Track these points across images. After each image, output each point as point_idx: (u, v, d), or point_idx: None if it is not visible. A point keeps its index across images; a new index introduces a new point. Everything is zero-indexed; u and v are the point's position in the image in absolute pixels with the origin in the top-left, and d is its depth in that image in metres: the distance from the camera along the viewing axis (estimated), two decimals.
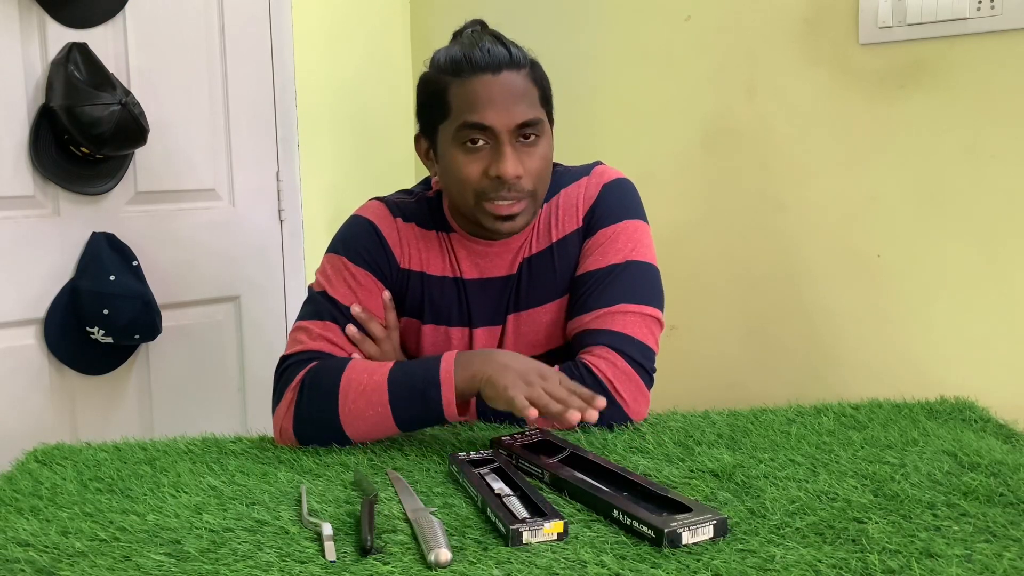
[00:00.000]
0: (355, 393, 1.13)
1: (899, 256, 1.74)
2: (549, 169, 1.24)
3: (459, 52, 1.19)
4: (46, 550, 0.84)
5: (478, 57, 1.17)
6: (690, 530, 0.80)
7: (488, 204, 1.20)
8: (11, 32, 1.79)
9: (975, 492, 0.92)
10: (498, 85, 1.17)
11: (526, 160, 1.19)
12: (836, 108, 1.79)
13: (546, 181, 1.25)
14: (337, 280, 1.26)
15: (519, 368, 1.09)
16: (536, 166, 1.20)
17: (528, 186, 1.20)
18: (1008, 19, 1.56)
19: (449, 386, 1.10)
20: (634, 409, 1.20)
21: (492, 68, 1.17)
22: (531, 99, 1.19)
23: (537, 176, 1.21)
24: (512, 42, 1.22)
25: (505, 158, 1.17)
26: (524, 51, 1.22)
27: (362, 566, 0.78)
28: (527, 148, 1.19)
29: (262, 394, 2.16)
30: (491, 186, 1.18)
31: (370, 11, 2.47)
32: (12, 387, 1.84)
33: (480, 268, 1.29)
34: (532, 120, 1.18)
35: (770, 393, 1.83)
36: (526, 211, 1.22)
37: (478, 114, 1.17)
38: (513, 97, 1.17)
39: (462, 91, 1.18)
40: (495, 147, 1.18)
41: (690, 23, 1.98)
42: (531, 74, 1.20)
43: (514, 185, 1.18)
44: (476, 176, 1.19)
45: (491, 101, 1.16)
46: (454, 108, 1.19)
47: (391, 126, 2.54)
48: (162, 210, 2.03)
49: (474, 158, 1.19)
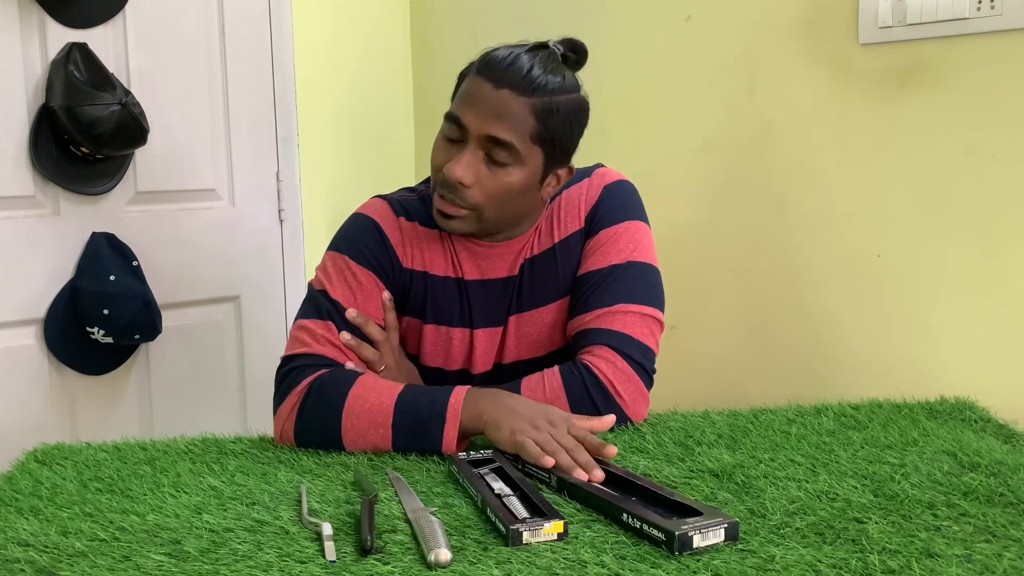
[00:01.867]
0: (360, 411, 1.12)
1: (899, 256, 1.74)
2: (515, 200, 1.20)
3: (495, 53, 1.18)
4: (46, 550, 0.84)
5: (496, 64, 1.16)
6: (701, 534, 0.80)
7: (437, 196, 1.21)
8: (11, 32, 1.79)
9: (975, 492, 0.92)
10: (491, 95, 1.15)
11: (484, 175, 1.17)
12: (836, 108, 1.79)
13: (505, 208, 1.21)
14: (338, 279, 1.26)
15: (527, 413, 1.08)
16: (494, 188, 1.18)
17: (474, 199, 1.18)
18: (1008, 19, 1.56)
19: (453, 423, 1.10)
20: (634, 409, 1.20)
21: (496, 80, 1.15)
22: (518, 125, 1.15)
23: (489, 196, 1.18)
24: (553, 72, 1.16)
25: (458, 159, 1.17)
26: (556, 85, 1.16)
27: (362, 566, 0.78)
28: (493, 167, 1.17)
29: (262, 394, 2.16)
30: (442, 181, 1.19)
31: (370, 11, 2.47)
32: (12, 387, 1.84)
33: (481, 269, 1.29)
34: (504, 141, 1.15)
35: (770, 393, 1.83)
36: (467, 221, 1.21)
37: (460, 109, 1.18)
38: (497, 111, 1.15)
39: (466, 84, 1.20)
40: (463, 147, 1.18)
41: (690, 23, 1.98)
42: (537, 106, 1.15)
43: (457, 189, 1.17)
44: (438, 164, 1.20)
45: (477, 103, 1.16)
46: (455, 98, 1.22)
47: (391, 126, 2.54)
48: (162, 210, 2.03)
49: (446, 148, 1.20)
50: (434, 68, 2.50)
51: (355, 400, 1.13)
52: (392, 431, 1.11)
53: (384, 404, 1.12)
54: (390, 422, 1.11)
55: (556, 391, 1.18)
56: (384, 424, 1.11)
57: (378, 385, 1.15)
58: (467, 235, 1.25)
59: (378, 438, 1.12)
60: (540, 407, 1.10)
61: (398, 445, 1.12)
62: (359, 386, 1.14)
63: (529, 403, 1.11)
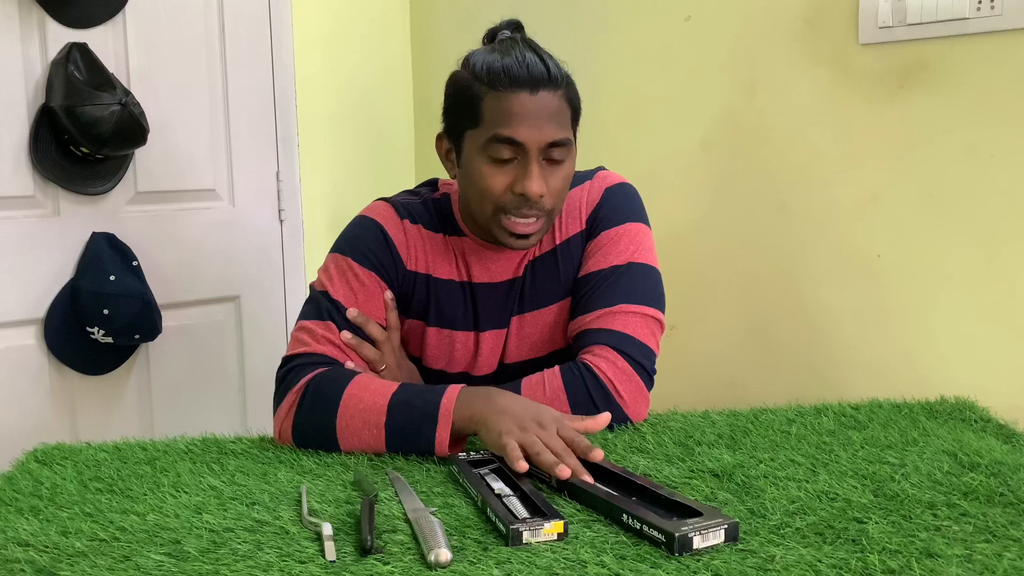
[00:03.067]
0: (354, 410, 1.12)
1: (899, 256, 1.74)
2: (568, 188, 1.24)
3: (498, 62, 1.16)
4: (46, 550, 0.84)
5: (517, 72, 1.15)
6: (701, 535, 0.80)
7: (506, 219, 1.19)
8: (11, 32, 1.79)
9: (975, 492, 0.92)
10: (534, 103, 1.15)
11: (550, 179, 1.18)
12: (836, 108, 1.79)
13: (564, 200, 1.24)
14: (340, 281, 1.25)
15: (517, 412, 1.05)
16: (558, 186, 1.20)
17: (548, 205, 1.19)
18: (1008, 19, 1.57)
19: (445, 424, 1.08)
20: (634, 409, 1.20)
21: (530, 86, 1.15)
22: (563, 119, 1.18)
23: (558, 195, 1.21)
24: (549, 55, 1.20)
25: (531, 176, 1.16)
26: (559, 65, 1.20)
27: (362, 566, 0.78)
28: (552, 167, 1.19)
29: (262, 394, 2.16)
30: (513, 202, 1.18)
31: (370, 11, 2.47)
32: (12, 387, 1.84)
33: (489, 272, 1.29)
34: (562, 140, 1.17)
35: (770, 393, 1.83)
36: (541, 230, 1.22)
37: (511, 129, 1.15)
38: (547, 116, 1.16)
39: (497, 104, 1.16)
40: (522, 163, 1.17)
41: (690, 23, 1.98)
42: (566, 93, 1.19)
43: (536, 203, 1.18)
44: (500, 190, 1.18)
45: (525, 118, 1.15)
46: (486, 119, 1.17)
47: (391, 126, 2.54)
48: (162, 210, 2.03)
49: (500, 171, 1.18)
50: (434, 68, 2.50)
51: (350, 399, 1.12)
52: (385, 432, 1.11)
53: (377, 404, 1.11)
54: (383, 422, 1.11)
55: (556, 391, 1.18)
56: (377, 424, 1.11)
57: (373, 384, 1.14)
58: (531, 247, 1.25)
59: (372, 439, 1.11)
60: (533, 407, 1.08)
61: (391, 446, 1.11)
62: (354, 385, 1.14)
63: (522, 403, 1.09)
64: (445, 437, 1.08)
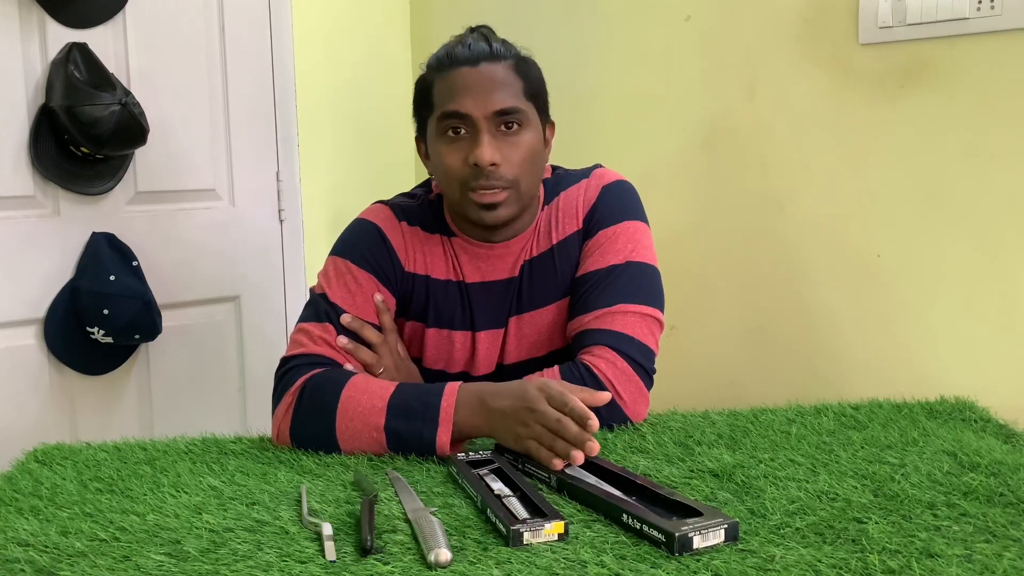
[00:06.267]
0: (353, 412, 1.12)
1: (899, 256, 1.74)
2: (536, 161, 1.24)
3: (443, 50, 1.23)
4: (46, 550, 0.84)
5: (459, 52, 1.21)
6: (701, 535, 0.80)
7: (472, 194, 1.21)
8: (11, 32, 1.79)
9: (975, 492, 0.92)
10: (475, 75, 1.19)
11: (506, 149, 1.20)
12: (836, 108, 1.79)
13: (532, 173, 1.24)
14: (337, 283, 1.26)
15: (512, 409, 1.04)
16: (517, 156, 1.20)
17: (509, 174, 1.20)
18: (1008, 19, 1.56)
19: (446, 427, 1.08)
20: (633, 410, 1.20)
21: (471, 61, 1.20)
22: (512, 90, 1.21)
23: (519, 166, 1.21)
24: (501, 39, 1.24)
25: (481, 144, 1.18)
26: (513, 47, 1.24)
27: (362, 566, 0.78)
28: (508, 137, 1.20)
29: (262, 394, 2.16)
30: (472, 174, 1.19)
31: (370, 11, 2.47)
32: (12, 387, 1.84)
33: (482, 271, 1.29)
34: (510, 108, 1.19)
35: (770, 393, 1.83)
36: (509, 202, 1.21)
37: (455, 102, 1.19)
38: (491, 85, 1.19)
39: (443, 84, 1.21)
40: (474, 135, 1.19)
41: (690, 23, 1.98)
42: (515, 67, 1.22)
43: (492, 173, 1.19)
44: (458, 165, 1.20)
45: (467, 89, 1.19)
46: (436, 102, 1.22)
47: (391, 126, 2.54)
48: (162, 210, 2.03)
49: (455, 147, 1.20)
50: None
51: (348, 402, 1.12)
52: (385, 434, 1.11)
53: (376, 407, 1.11)
54: (383, 424, 1.10)
55: None
56: (377, 427, 1.11)
57: (370, 386, 1.14)
58: (509, 220, 1.24)
59: (372, 441, 1.11)
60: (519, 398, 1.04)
61: (393, 448, 1.11)
62: (351, 387, 1.14)
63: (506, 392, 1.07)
64: (446, 440, 1.09)
